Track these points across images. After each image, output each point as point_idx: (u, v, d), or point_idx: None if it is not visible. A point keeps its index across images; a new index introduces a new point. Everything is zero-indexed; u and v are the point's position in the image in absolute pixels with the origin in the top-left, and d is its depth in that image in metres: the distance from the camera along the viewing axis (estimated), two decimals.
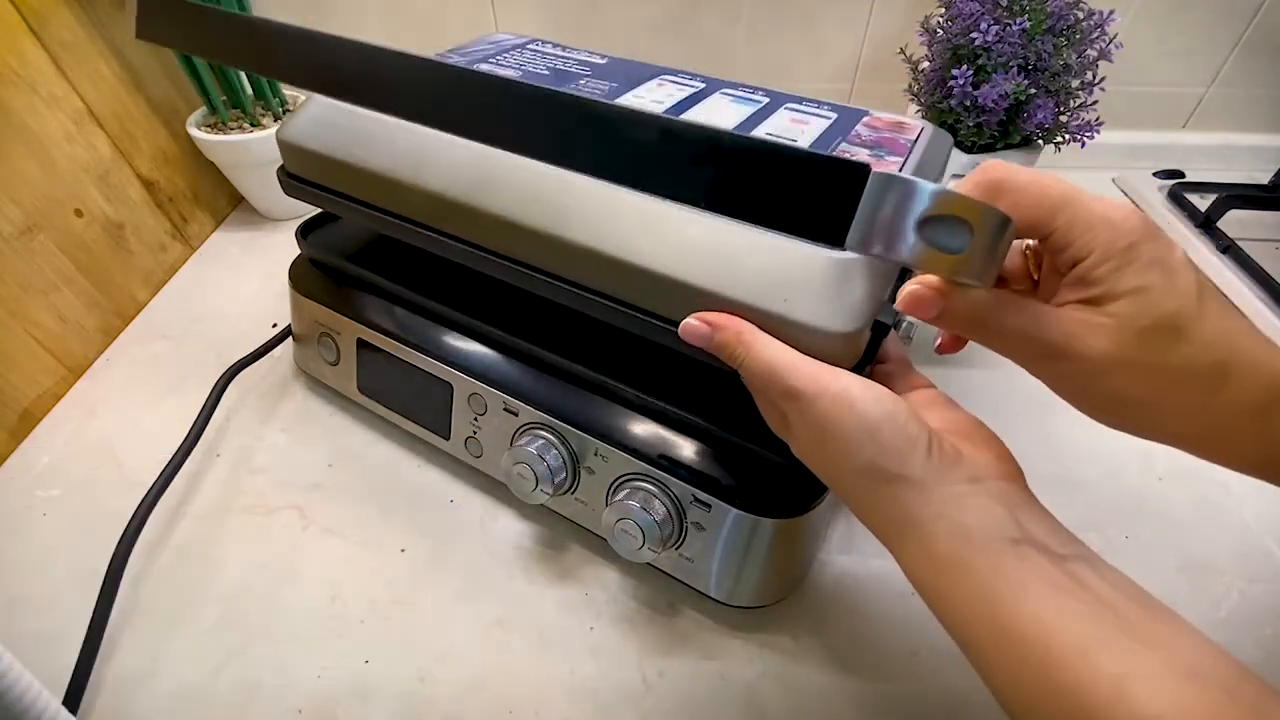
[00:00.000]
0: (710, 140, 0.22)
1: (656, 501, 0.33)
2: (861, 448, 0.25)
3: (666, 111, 0.38)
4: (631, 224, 0.30)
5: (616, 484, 0.35)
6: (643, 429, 0.35)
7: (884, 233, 0.21)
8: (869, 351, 0.31)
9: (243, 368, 0.47)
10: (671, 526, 0.34)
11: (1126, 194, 0.72)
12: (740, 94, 0.42)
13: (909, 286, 0.26)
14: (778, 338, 0.29)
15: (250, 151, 0.60)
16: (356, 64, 0.26)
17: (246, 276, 0.60)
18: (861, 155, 0.35)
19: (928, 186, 0.21)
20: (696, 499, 0.33)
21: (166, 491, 0.40)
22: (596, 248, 0.31)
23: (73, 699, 0.32)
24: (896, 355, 0.32)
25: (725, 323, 0.28)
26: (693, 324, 0.29)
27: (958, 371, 0.52)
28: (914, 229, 0.21)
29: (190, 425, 0.43)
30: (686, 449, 0.34)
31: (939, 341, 0.32)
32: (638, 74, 0.43)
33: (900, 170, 0.34)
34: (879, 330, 0.31)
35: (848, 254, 0.27)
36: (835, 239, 0.22)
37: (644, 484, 0.34)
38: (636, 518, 0.32)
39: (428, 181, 0.34)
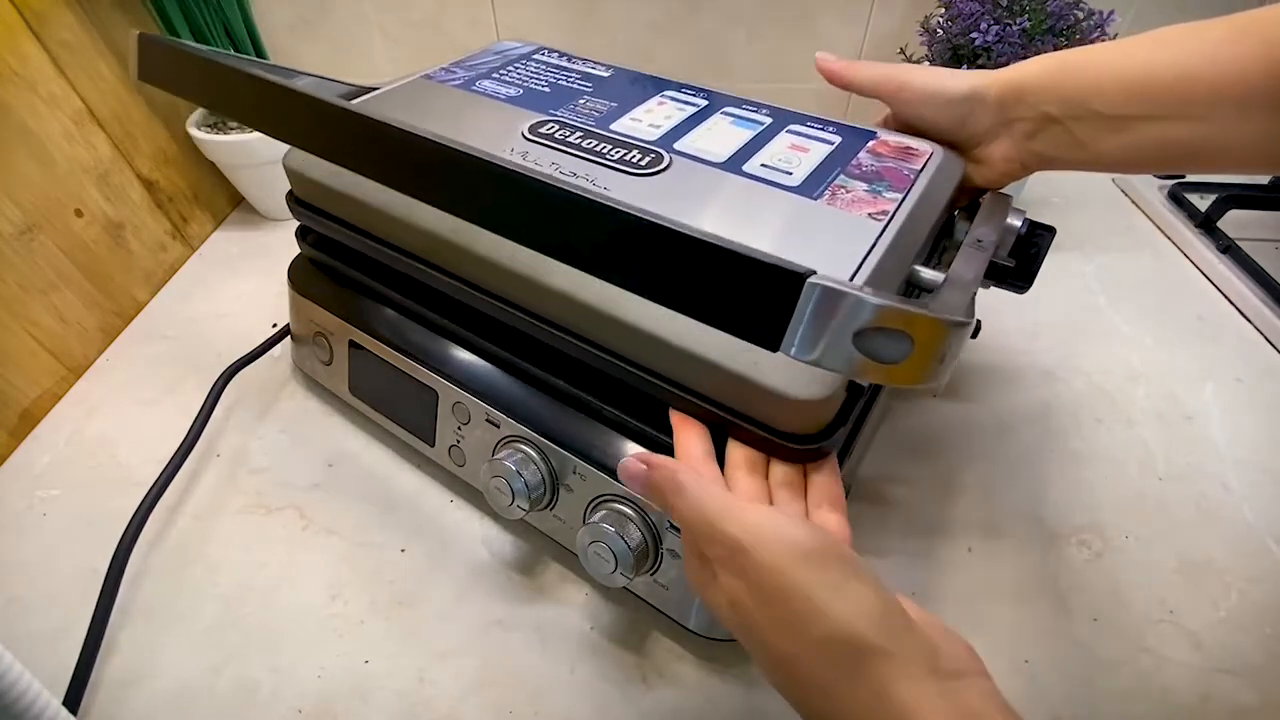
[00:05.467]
0: (650, 230, 0.21)
1: (631, 525, 0.32)
2: (824, 610, 0.20)
3: (663, 137, 0.38)
4: None
5: (593, 504, 0.34)
6: (623, 450, 0.34)
7: (820, 342, 0.20)
8: (842, 414, 0.30)
9: (242, 367, 0.47)
10: (646, 551, 0.32)
11: (1126, 194, 0.72)
12: (743, 113, 0.41)
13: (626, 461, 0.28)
14: (746, 401, 0.28)
15: (250, 152, 0.60)
16: (338, 129, 0.26)
17: (246, 276, 0.60)
18: (859, 190, 0.34)
19: (868, 300, 0.20)
20: (672, 525, 0.32)
21: (166, 491, 0.40)
22: (573, 294, 0.32)
23: (73, 699, 0.32)
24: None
25: (662, 463, 0.27)
26: (631, 464, 0.28)
27: (948, 405, 0.52)
28: (851, 340, 0.20)
29: (190, 425, 0.43)
30: None
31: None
32: (639, 91, 0.43)
33: (899, 205, 0.33)
34: (855, 391, 0.30)
35: None
36: (770, 343, 0.21)
37: (620, 506, 0.33)
38: (609, 541, 0.32)
39: (420, 218, 0.36)
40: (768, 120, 0.40)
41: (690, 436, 0.30)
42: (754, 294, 0.21)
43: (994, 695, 0.21)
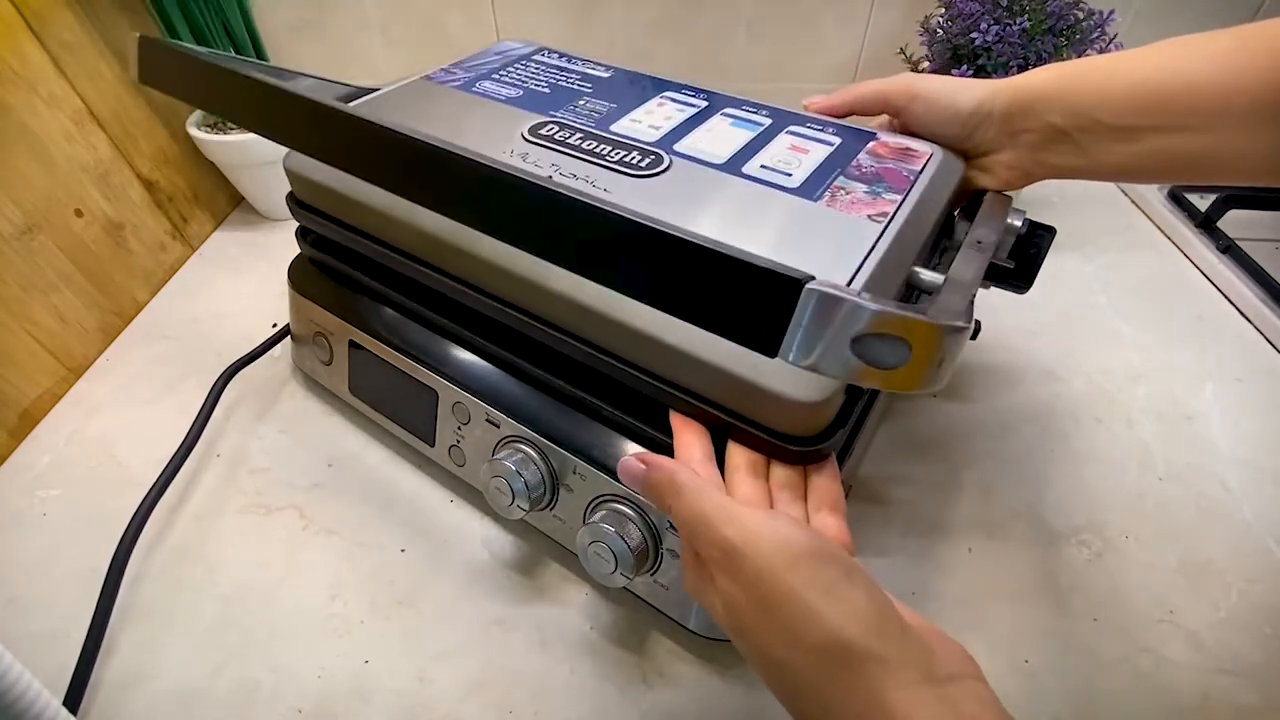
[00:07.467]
0: (646, 235, 0.21)
1: (631, 525, 0.32)
2: (818, 616, 0.20)
3: (663, 138, 0.38)
4: None
5: (593, 504, 0.34)
6: (622, 449, 0.34)
7: (818, 348, 0.20)
8: (842, 415, 0.30)
9: (242, 367, 0.47)
10: (646, 551, 0.32)
11: (1126, 194, 0.72)
12: (742, 113, 0.41)
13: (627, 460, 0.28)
14: (747, 403, 0.28)
15: (250, 152, 0.60)
16: (335, 131, 0.26)
17: (246, 276, 0.60)
18: (859, 191, 0.34)
19: (866, 306, 0.20)
20: (672, 525, 0.32)
21: (166, 491, 0.40)
22: (573, 297, 0.32)
23: (73, 699, 0.32)
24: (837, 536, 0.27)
25: (660, 464, 0.27)
26: (629, 463, 0.28)
27: (948, 405, 0.52)
28: (849, 346, 0.20)
29: (190, 425, 0.43)
30: None
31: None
32: (639, 92, 0.43)
33: (899, 206, 0.33)
34: (854, 393, 0.30)
35: None
36: (768, 349, 0.21)
37: (620, 506, 0.33)
38: (609, 541, 0.32)
39: (421, 220, 0.36)
40: (768, 121, 0.40)
41: (690, 439, 0.30)
42: (752, 299, 0.21)
43: (989, 699, 0.21)
